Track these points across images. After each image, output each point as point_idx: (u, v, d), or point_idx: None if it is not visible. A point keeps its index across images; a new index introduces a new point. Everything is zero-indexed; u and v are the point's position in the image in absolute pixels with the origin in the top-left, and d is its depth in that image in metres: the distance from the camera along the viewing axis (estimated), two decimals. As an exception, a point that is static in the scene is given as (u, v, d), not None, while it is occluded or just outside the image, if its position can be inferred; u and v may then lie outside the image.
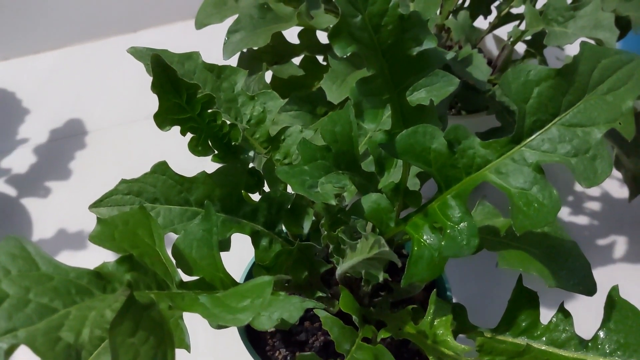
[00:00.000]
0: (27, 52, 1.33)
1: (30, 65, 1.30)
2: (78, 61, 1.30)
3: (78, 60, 1.31)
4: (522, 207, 0.40)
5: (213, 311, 0.37)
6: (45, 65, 1.30)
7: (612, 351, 0.43)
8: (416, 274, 0.44)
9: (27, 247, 0.33)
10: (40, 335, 0.29)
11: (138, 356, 0.31)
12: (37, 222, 0.98)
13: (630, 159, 0.69)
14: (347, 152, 0.49)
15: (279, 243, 0.51)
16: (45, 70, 1.28)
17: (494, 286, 0.80)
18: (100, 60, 1.30)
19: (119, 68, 1.26)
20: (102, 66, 1.28)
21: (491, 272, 0.83)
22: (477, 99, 0.74)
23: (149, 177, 0.48)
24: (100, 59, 1.30)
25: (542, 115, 0.42)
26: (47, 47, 1.34)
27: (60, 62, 1.30)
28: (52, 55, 1.32)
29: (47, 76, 1.27)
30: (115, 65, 1.27)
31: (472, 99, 0.74)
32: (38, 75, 1.27)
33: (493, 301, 0.54)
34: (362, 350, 0.45)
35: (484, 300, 0.67)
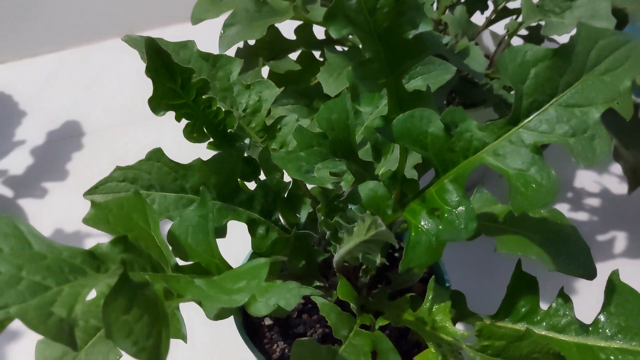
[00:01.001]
0: (24, 56, 1.33)
1: (27, 68, 1.30)
2: (75, 64, 1.30)
3: (75, 63, 1.31)
4: (520, 187, 0.40)
5: (209, 293, 0.36)
6: (42, 68, 1.30)
7: (613, 334, 0.43)
8: (414, 259, 0.44)
9: (20, 226, 0.33)
10: (32, 309, 0.28)
11: (132, 333, 0.30)
12: (34, 222, 0.98)
13: (629, 151, 0.69)
14: (344, 140, 0.49)
15: (276, 231, 0.50)
16: (42, 73, 1.28)
17: (493, 274, 0.80)
18: (97, 63, 1.30)
19: (116, 70, 1.26)
20: (98, 69, 1.28)
21: (490, 259, 0.83)
22: (474, 92, 0.74)
23: (144, 164, 0.47)
24: (97, 62, 1.30)
25: (539, 96, 0.41)
26: (43, 50, 1.34)
27: (56, 65, 1.30)
28: (48, 58, 1.32)
29: (44, 79, 1.27)
30: (112, 67, 1.27)
31: (469, 92, 0.74)
32: (35, 78, 1.27)
33: (492, 288, 0.54)
34: (360, 336, 0.44)
35: (483, 288, 0.66)
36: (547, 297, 0.50)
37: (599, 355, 0.42)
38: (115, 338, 0.30)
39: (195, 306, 0.52)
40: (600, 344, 0.43)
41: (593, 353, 0.43)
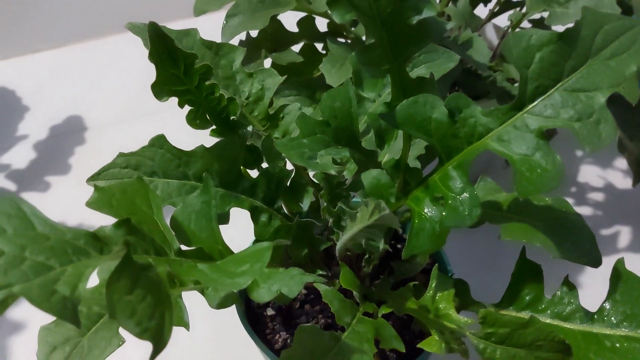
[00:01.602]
0: (26, 51, 1.33)
1: (30, 63, 1.31)
2: (77, 59, 1.31)
3: (77, 59, 1.31)
4: (524, 172, 0.40)
5: (211, 276, 0.36)
6: (44, 64, 1.30)
7: (619, 322, 0.43)
8: (417, 245, 0.44)
9: (23, 207, 0.33)
10: (36, 287, 0.28)
11: (135, 314, 0.30)
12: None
13: (633, 142, 0.68)
14: (347, 128, 0.49)
15: (278, 219, 0.50)
16: (44, 69, 1.29)
17: (497, 263, 0.80)
18: (99, 59, 1.30)
19: (118, 66, 1.26)
20: (101, 64, 1.28)
21: (493, 249, 0.83)
22: (478, 85, 0.74)
23: (147, 150, 0.47)
24: (100, 57, 1.30)
25: (544, 81, 0.41)
26: (46, 46, 1.34)
27: (59, 60, 1.31)
28: (51, 54, 1.32)
29: (46, 74, 1.27)
30: (114, 63, 1.27)
31: (473, 84, 0.74)
32: (38, 73, 1.28)
33: (496, 278, 0.53)
34: (363, 323, 0.44)
35: (487, 278, 0.66)
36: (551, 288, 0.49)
37: (604, 342, 0.42)
38: (118, 318, 0.30)
39: (197, 297, 0.52)
40: (605, 331, 0.43)
41: (598, 341, 0.42)
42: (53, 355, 0.44)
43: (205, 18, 0.74)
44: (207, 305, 0.53)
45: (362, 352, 0.41)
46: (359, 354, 0.41)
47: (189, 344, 0.77)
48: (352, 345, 0.42)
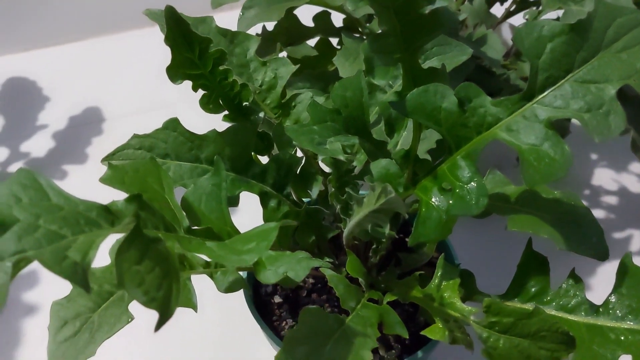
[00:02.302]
0: (48, 44, 1.36)
1: (51, 56, 1.33)
2: (97, 53, 1.33)
3: (97, 52, 1.33)
4: (532, 162, 0.40)
5: (219, 253, 0.37)
6: (65, 56, 1.32)
7: (624, 315, 0.43)
8: (424, 233, 0.44)
9: (39, 179, 0.34)
10: (48, 252, 0.29)
11: (143, 284, 0.31)
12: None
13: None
14: (357, 118, 0.49)
15: (287, 205, 0.51)
16: (65, 61, 1.31)
17: (504, 256, 0.80)
18: (119, 52, 1.32)
19: (136, 60, 1.28)
20: (120, 58, 1.30)
21: (501, 242, 0.83)
22: (491, 82, 0.74)
23: (160, 132, 0.48)
24: (119, 51, 1.32)
25: (555, 72, 0.41)
26: (67, 39, 1.36)
27: (79, 53, 1.33)
28: (72, 47, 1.35)
29: (67, 66, 1.30)
30: (133, 57, 1.29)
31: (486, 81, 0.74)
32: (58, 65, 1.30)
33: (503, 271, 0.53)
34: (368, 308, 0.44)
35: (493, 270, 0.66)
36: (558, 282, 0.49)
37: (609, 335, 0.42)
38: (127, 287, 0.30)
39: (207, 283, 0.53)
40: (610, 324, 0.43)
41: (602, 333, 0.42)
42: (64, 329, 0.45)
43: (221, 15, 0.75)
44: (217, 292, 0.54)
45: (365, 335, 0.41)
46: (362, 338, 0.41)
47: (199, 328, 0.78)
48: (355, 329, 0.42)
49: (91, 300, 0.47)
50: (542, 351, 0.42)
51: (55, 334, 0.45)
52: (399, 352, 0.56)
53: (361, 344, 0.41)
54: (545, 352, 0.42)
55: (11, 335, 0.80)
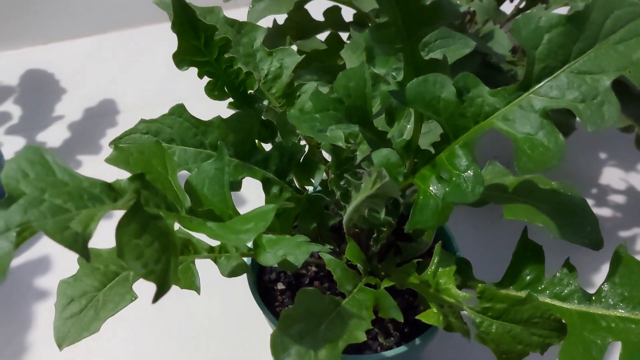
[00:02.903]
0: (66, 37, 1.39)
1: (68, 49, 1.36)
2: (113, 47, 1.36)
3: (113, 46, 1.36)
4: (526, 150, 0.41)
5: (218, 232, 0.38)
6: (82, 50, 1.35)
7: (616, 304, 0.43)
8: (420, 220, 0.45)
9: (46, 156, 0.35)
10: (51, 223, 0.30)
11: (142, 256, 0.32)
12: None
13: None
14: (360, 107, 0.50)
15: (289, 192, 0.52)
16: (82, 54, 1.34)
17: (502, 247, 0.81)
18: (134, 47, 1.35)
19: (151, 54, 1.31)
20: (135, 52, 1.33)
21: (501, 232, 0.83)
22: (498, 78, 0.74)
23: (166, 118, 0.49)
24: (134, 46, 1.35)
25: (551, 62, 0.42)
26: (84, 33, 1.39)
27: (96, 47, 1.36)
28: (89, 40, 1.38)
29: (84, 59, 1.32)
30: (148, 51, 1.32)
31: (493, 77, 0.75)
32: (76, 58, 1.33)
33: (501, 261, 0.54)
34: (364, 292, 0.45)
35: (491, 259, 0.67)
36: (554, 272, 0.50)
37: (600, 322, 0.43)
38: (126, 259, 0.32)
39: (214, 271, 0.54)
40: (601, 312, 0.43)
41: (594, 320, 0.43)
42: (70, 306, 0.47)
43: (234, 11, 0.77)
44: (223, 279, 0.55)
45: (360, 317, 0.42)
46: (357, 319, 0.42)
47: (205, 314, 0.80)
48: (351, 311, 0.43)
49: (97, 279, 0.49)
50: (534, 337, 0.42)
51: (62, 311, 0.47)
52: (397, 339, 0.57)
53: (356, 325, 0.42)
54: (537, 338, 0.42)
55: (24, 319, 0.83)
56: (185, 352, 0.77)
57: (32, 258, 0.91)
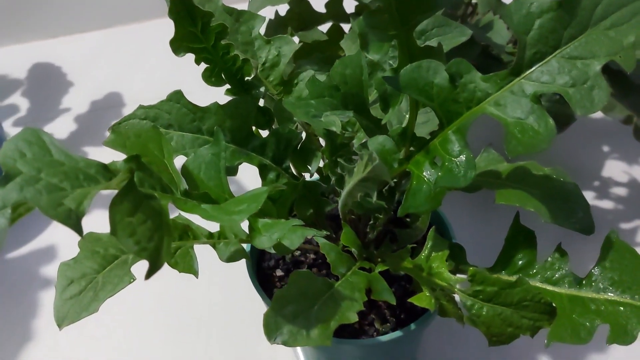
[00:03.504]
0: (74, 31, 1.40)
1: (76, 43, 1.38)
2: (120, 41, 1.37)
3: (120, 40, 1.37)
4: (516, 134, 0.41)
5: (212, 213, 0.39)
6: (90, 44, 1.37)
7: (605, 287, 0.44)
8: (413, 205, 0.45)
9: (43, 137, 0.36)
10: (46, 199, 0.31)
11: (135, 234, 0.33)
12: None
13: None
14: (356, 95, 0.51)
15: (286, 178, 0.53)
16: (89, 48, 1.35)
17: (496, 232, 0.81)
18: (140, 41, 1.36)
19: (157, 48, 1.31)
20: (141, 46, 1.34)
21: (499, 220, 0.84)
22: (498, 68, 0.74)
23: (164, 104, 0.50)
24: (141, 40, 1.36)
25: (542, 47, 0.42)
26: (92, 27, 1.41)
27: (104, 41, 1.37)
28: (96, 35, 1.39)
29: (91, 53, 1.34)
30: (154, 45, 1.33)
31: (492, 68, 0.75)
32: (83, 52, 1.34)
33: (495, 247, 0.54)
34: (357, 275, 0.46)
35: (490, 248, 0.67)
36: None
37: (589, 305, 0.43)
38: (119, 236, 0.33)
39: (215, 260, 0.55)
40: (591, 295, 0.44)
41: (584, 304, 0.43)
42: (70, 288, 0.48)
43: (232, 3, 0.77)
44: (224, 267, 0.55)
45: (352, 299, 0.43)
46: (349, 301, 0.43)
47: (205, 301, 0.81)
48: (343, 293, 0.44)
49: (96, 262, 0.50)
50: (525, 320, 0.43)
51: (62, 292, 0.48)
52: (393, 325, 0.58)
53: (348, 306, 0.42)
54: (527, 321, 0.43)
55: (29, 306, 0.84)
56: (186, 337, 0.78)
57: (37, 247, 0.92)
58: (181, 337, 0.78)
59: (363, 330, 0.58)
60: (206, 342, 0.77)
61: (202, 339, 0.78)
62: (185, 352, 0.77)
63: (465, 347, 0.75)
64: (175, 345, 0.77)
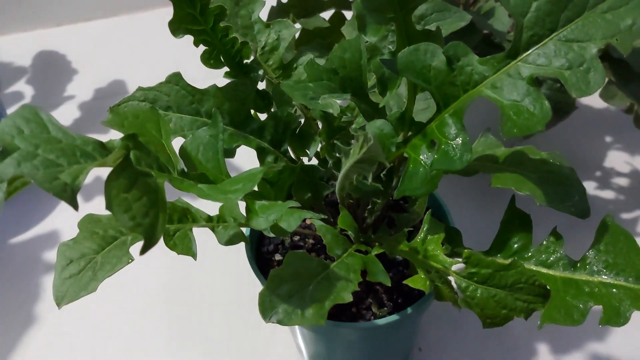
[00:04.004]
0: (78, 20, 1.41)
1: (81, 31, 1.38)
2: (124, 29, 1.37)
3: (124, 28, 1.37)
4: (512, 116, 0.41)
5: (207, 192, 0.39)
6: (94, 32, 1.37)
7: (599, 270, 0.44)
8: (409, 187, 0.46)
9: (41, 114, 0.37)
10: (42, 173, 0.32)
11: (130, 210, 0.33)
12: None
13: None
14: (355, 79, 0.51)
15: (284, 162, 0.53)
16: (94, 36, 1.36)
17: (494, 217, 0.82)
18: (145, 29, 1.36)
19: (161, 37, 1.31)
20: (146, 34, 1.35)
21: (492, 204, 0.84)
22: (499, 56, 0.74)
23: (163, 86, 0.51)
24: (145, 28, 1.37)
25: (539, 30, 0.42)
26: (96, 15, 1.41)
27: (108, 29, 1.38)
28: (101, 23, 1.40)
29: (95, 41, 1.34)
30: (158, 34, 1.32)
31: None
32: (87, 40, 1.35)
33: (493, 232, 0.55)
34: (353, 257, 0.46)
35: (484, 230, 0.67)
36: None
37: (583, 288, 0.43)
38: (114, 211, 0.33)
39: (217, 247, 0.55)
40: (585, 278, 0.44)
41: (577, 286, 0.43)
42: (69, 267, 0.49)
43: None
44: (225, 252, 0.55)
45: (347, 280, 0.43)
46: (344, 281, 0.43)
47: (208, 284, 0.82)
48: (339, 273, 0.44)
49: (96, 243, 0.50)
50: (519, 302, 0.43)
51: (61, 271, 0.49)
52: (391, 309, 0.58)
53: (343, 287, 0.43)
54: (521, 303, 0.43)
55: (33, 290, 0.85)
56: (187, 321, 0.79)
57: (41, 233, 0.93)
58: (182, 322, 0.79)
59: (361, 314, 0.58)
60: (207, 326, 0.78)
61: (204, 323, 0.78)
62: (186, 336, 0.77)
63: (465, 333, 0.75)
64: (176, 329, 0.78)
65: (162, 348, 0.76)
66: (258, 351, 0.75)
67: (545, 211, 0.51)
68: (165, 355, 0.76)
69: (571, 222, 0.51)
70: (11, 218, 0.94)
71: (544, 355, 0.73)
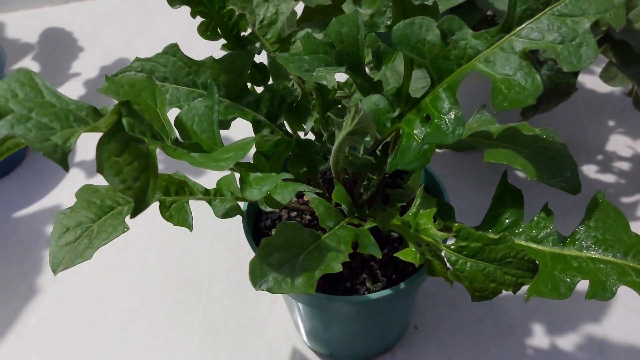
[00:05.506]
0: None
1: (87, 8, 1.38)
2: (130, 7, 1.38)
3: (131, 6, 1.38)
4: (503, 89, 0.41)
5: (199, 160, 0.39)
6: (101, 10, 1.37)
7: (588, 246, 0.44)
8: (402, 161, 0.46)
9: (36, 78, 0.37)
10: (34, 135, 0.32)
11: (121, 173, 0.34)
12: (80, 145, 1.05)
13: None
14: (352, 53, 0.51)
15: (280, 135, 0.53)
16: (100, 14, 1.36)
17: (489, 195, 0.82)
18: (151, 7, 1.36)
19: (167, 15, 1.31)
20: (151, 13, 1.35)
21: (486, 181, 0.84)
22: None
23: (160, 57, 0.51)
24: (151, 6, 1.37)
25: (533, 4, 0.42)
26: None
27: (114, 7, 1.38)
28: (107, 1, 1.40)
29: (101, 19, 1.35)
30: (164, 12, 1.33)
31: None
32: (94, 18, 1.35)
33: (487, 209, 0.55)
34: (345, 229, 0.47)
35: (481, 208, 0.68)
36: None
37: (571, 263, 0.43)
38: (105, 174, 0.34)
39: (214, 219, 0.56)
40: (573, 253, 0.44)
41: (566, 261, 0.44)
42: (65, 235, 0.50)
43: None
44: (225, 228, 0.55)
45: (338, 250, 0.44)
46: (335, 252, 0.44)
47: (208, 258, 0.83)
48: (330, 244, 0.44)
49: (92, 212, 0.51)
50: (507, 276, 0.43)
51: (58, 239, 0.50)
52: (385, 284, 0.59)
53: (333, 257, 0.43)
54: (510, 277, 0.43)
55: (35, 263, 0.86)
56: (187, 294, 0.80)
57: (44, 207, 0.94)
58: (181, 295, 0.80)
59: (355, 289, 0.59)
60: (206, 300, 0.79)
61: (203, 297, 0.80)
62: (185, 309, 0.78)
63: (460, 313, 0.76)
64: (176, 301, 0.79)
65: (161, 321, 0.78)
66: (256, 326, 0.76)
67: (551, 191, 0.51)
68: (163, 327, 0.77)
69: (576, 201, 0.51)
70: (15, 192, 0.95)
71: (539, 335, 0.73)
